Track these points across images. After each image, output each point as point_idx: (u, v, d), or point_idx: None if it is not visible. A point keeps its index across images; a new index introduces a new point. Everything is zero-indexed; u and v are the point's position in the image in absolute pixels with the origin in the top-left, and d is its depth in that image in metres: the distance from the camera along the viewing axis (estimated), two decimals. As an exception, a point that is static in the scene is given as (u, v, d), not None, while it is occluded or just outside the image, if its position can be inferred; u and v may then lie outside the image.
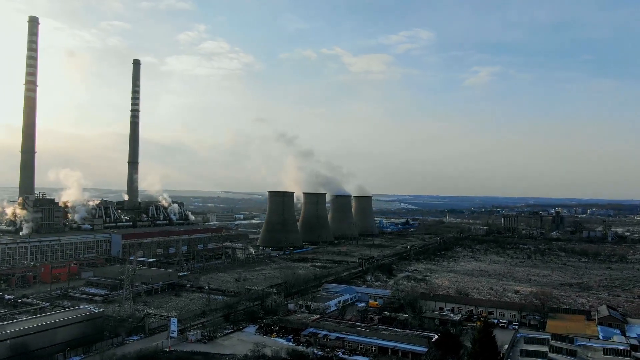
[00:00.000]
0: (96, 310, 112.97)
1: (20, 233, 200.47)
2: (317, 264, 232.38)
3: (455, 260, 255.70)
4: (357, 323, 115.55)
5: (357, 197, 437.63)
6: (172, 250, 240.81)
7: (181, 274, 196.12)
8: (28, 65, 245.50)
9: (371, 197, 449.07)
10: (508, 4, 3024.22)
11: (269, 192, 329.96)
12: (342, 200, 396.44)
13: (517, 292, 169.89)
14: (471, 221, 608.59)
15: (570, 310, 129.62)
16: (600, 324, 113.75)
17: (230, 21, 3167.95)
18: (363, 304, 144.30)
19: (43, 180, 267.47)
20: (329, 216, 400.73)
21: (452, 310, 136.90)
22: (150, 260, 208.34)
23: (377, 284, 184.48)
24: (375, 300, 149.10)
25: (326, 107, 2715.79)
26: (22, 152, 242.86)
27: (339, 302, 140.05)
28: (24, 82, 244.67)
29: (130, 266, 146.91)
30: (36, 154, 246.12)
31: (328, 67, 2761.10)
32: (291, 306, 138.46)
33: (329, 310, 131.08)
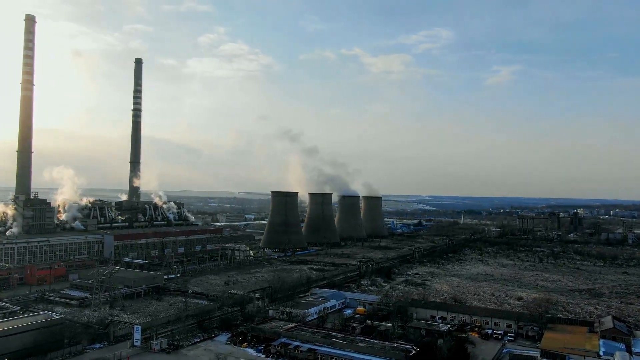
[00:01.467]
0: (56, 317, 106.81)
1: (7, 233, 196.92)
2: (314, 267, 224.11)
3: (461, 264, 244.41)
4: (334, 333, 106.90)
5: (366, 198, 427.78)
6: (167, 251, 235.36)
7: (171, 276, 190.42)
8: (25, 65, 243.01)
9: (381, 197, 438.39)
10: (530, 2, 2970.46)
11: (272, 192, 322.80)
12: (349, 200, 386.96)
13: (520, 298, 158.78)
14: (488, 222, 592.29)
15: (571, 321, 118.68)
16: (602, 337, 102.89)
17: (249, 23, 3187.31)
18: (350, 311, 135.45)
19: (47, 181, 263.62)
20: (336, 217, 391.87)
21: (444, 319, 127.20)
22: (141, 262, 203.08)
23: (372, 288, 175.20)
24: (364, 306, 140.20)
25: (345, 108, 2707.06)
26: (18, 151, 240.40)
27: (323, 308, 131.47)
28: (21, 82, 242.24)
29: (107, 269, 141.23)
30: (33, 154, 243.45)
31: (347, 67, 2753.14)
32: (272, 313, 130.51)
33: (310, 318, 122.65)
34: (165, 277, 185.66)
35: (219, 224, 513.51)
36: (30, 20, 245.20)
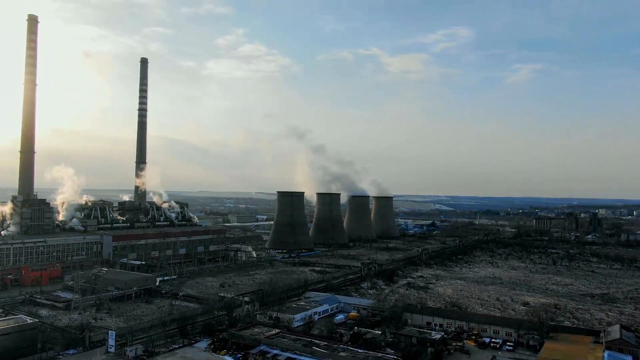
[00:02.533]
0: (29, 321, 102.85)
1: (3, 233, 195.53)
2: (316, 269, 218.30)
3: (470, 266, 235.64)
4: (317, 341, 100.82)
5: (377, 198, 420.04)
6: (169, 252, 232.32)
7: (166, 278, 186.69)
8: (27, 65, 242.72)
9: (392, 197, 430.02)
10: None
11: (278, 192, 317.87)
12: (359, 200, 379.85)
13: (526, 304, 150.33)
14: (505, 223, 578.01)
15: (576, 330, 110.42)
16: (608, 348, 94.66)
17: (267, 24, 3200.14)
18: (342, 316, 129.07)
19: (50, 181, 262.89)
20: (346, 217, 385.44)
21: (441, 326, 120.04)
22: (138, 263, 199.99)
23: (371, 292, 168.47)
24: (358, 311, 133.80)
25: (363, 108, 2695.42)
26: (21, 152, 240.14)
27: (312, 314, 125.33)
28: (23, 82, 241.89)
29: (94, 271, 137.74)
30: (35, 154, 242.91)
31: (365, 67, 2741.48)
32: (260, 317, 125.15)
33: (296, 324, 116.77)
34: (160, 279, 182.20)
35: (229, 224, 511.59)
36: (32, 21, 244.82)
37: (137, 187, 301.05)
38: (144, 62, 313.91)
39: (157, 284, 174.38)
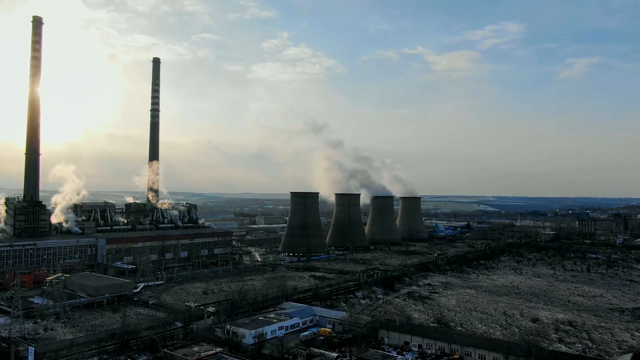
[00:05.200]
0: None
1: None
2: (317, 274, 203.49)
3: (489, 272, 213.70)
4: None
5: (403, 198, 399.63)
6: (168, 255, 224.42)
7: (151, 283, 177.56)
8: (32, 66, 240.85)
9: (419, 197, 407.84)
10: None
11: (291, 193, 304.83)
12: (382, 201, 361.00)
13: (535, 320, 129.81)
14: (551, 224, 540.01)
15: (577, 358, 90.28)
16: (610, 385, 74.99)
17: (312, 27, 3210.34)
18: (312, 332, 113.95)
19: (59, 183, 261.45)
20: (369, 219, 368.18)
21: (420, 347, 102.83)
22: (129, 267, 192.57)
23: (363, 302, 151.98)
24: (333, 326, 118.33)
25: (408, 108, 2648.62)
26: (26, 153, 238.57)
27: (277, 328, 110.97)
28: (28, 83, 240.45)
29: (52, 276, 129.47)
30: (40, 156, 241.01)
31: (410, 67, 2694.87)
32: (219, 332, 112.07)
33: (247, 340, 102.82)
34: (145, 284, 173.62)
35: (255, 226, 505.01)
36: (37, 22, 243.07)
37: (150, 188, 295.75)
38: (156, 62, 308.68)
39: (139, 289, 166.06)
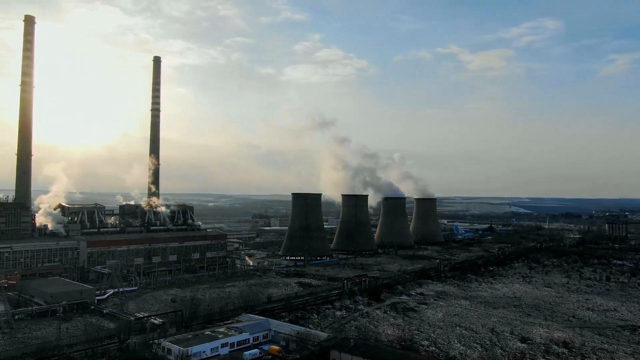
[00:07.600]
0: None
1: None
2: (303, 281, 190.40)
3: (495, 280, 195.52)
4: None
5: (418, 200, 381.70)
6: (156, 259, 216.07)
7: (127, 289, 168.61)
8: (24, 66, 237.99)
9: (435, 199, 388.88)
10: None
11: (292, 194, 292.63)
12: (393, 202, 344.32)
13: (525, 339, 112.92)
14: (581, 227, 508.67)
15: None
16: None
17: (343, 28, 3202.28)
18: (257, 351, 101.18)
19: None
20: (379, 221, 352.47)
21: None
22: (107, 271, 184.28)
23: (339, 314, 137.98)
24: (286, 343, 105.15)
25: (442, 108, 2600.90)
26: (18, 155, 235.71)
27: (212, 347, 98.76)
28: (20, 83, 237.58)
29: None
30: (32, 157, 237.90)
31: (443, 66, 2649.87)
32: (157, 349, 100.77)
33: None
34: (114, 290, 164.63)
35: (268, 228, 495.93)
36: (29, 21, 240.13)
37: (150, 189, 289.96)
38: (156, 61, 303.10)
39: (106, 296, 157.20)
